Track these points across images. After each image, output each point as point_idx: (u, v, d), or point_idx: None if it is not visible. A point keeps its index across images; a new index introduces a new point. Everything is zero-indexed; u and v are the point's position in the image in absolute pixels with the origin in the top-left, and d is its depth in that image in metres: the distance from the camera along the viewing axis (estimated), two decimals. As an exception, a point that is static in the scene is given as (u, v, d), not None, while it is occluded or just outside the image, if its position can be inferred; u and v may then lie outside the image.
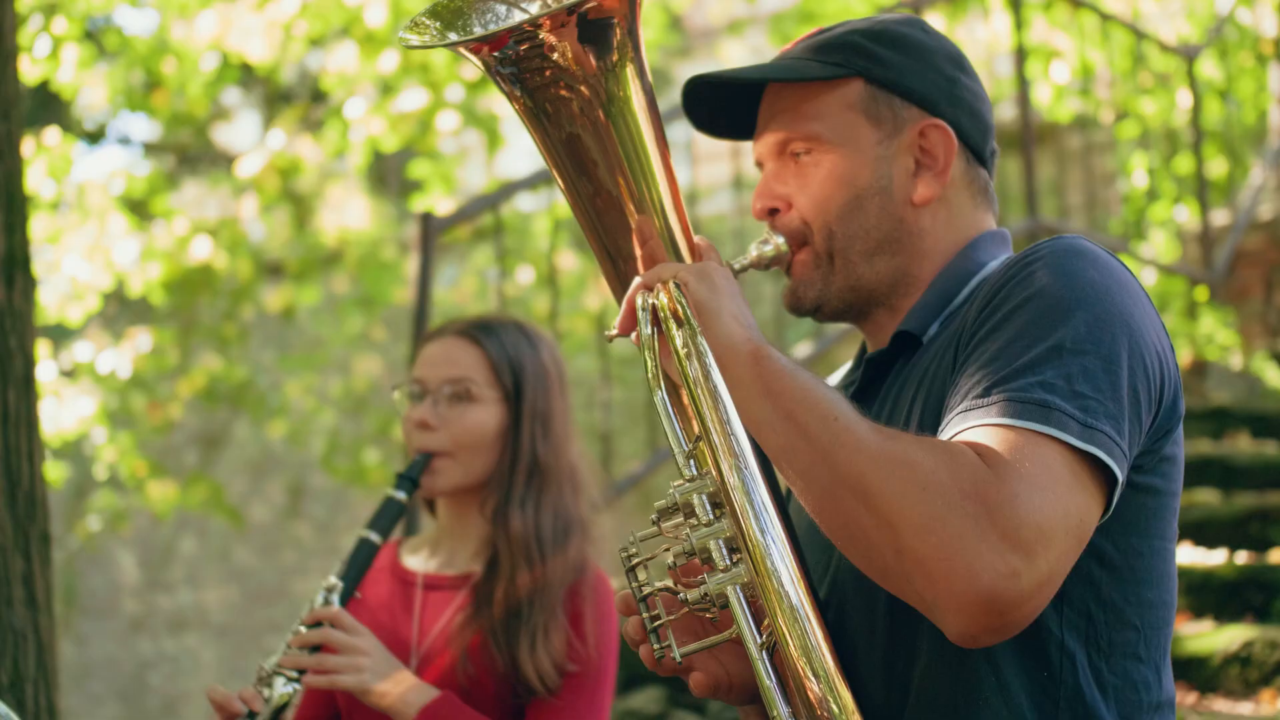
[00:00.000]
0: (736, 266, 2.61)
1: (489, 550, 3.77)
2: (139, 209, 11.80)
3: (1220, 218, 10.47)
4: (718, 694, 2.46)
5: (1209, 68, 11.09)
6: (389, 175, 16.41)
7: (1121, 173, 10.92)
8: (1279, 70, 10.95)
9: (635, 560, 2.31)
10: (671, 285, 2.37)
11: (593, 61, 2.35)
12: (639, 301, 2.41)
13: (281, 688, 3.44)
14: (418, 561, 3.91)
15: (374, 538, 3.66)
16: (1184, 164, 10.65)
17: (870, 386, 2.65)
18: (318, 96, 14.11)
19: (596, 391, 8.65)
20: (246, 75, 14.09)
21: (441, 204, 10.94)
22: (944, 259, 2.64)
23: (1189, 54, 10.21)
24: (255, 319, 13.92)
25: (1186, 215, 10.52)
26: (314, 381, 12.65)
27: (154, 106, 11.90)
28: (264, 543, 14.72)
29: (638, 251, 2.49)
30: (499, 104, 11.79)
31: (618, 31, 2.36)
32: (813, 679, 2.10)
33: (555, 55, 2.33)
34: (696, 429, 2.23)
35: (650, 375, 2.32)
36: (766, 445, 2.24)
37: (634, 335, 2.45)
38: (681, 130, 8.75)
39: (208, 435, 15.01)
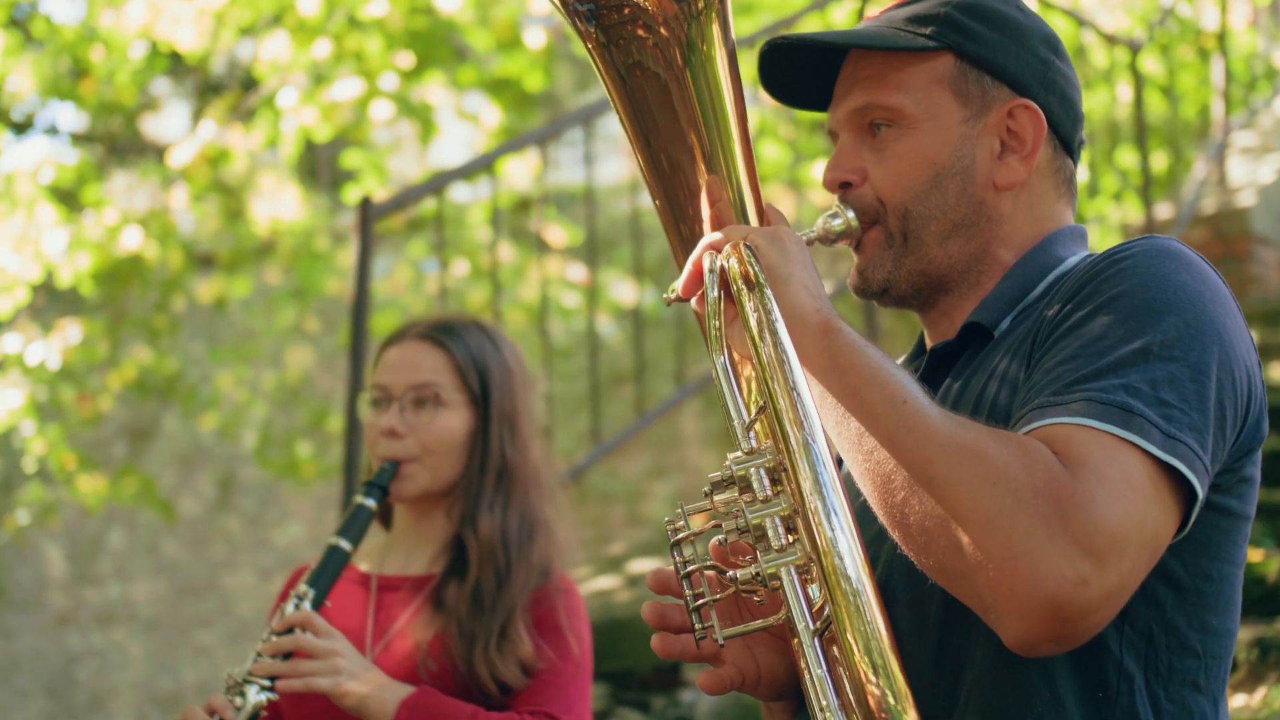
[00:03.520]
0: (801, 239, 2.47)
1: (450, 553, 3.73)
2: (68, 199, 11.66)
3: (1163, 212, 10.48)
4: (743, 687, 2.36)
5: (1150, 61, 11.12)
6: (320, 166, 16.29)
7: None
8: (1221, 64, 10.97)
9: (680, 535, 2.21)
10: (742, 247, 2.26)
11: (674, 4, 2.25)
12: (706, 263, 2.30)
13: (255, 696, 3.41)
14: (370, 564, 3.86)
15: (345, 545, 3.64)
16: (1124, 158, 10.66)
17: (933, 378, 2.51)
18: (248, 86, 13.98)
19: (535, 384, 8.59)
20: (176, 65, 13.95)
21: (375, 195, 10.85)
22: (1021, 248, 2.52)
23: (1134, 45, 10.20)
24: (186, 310, 13.79)
25: (1123, 210, 10.54)
26: (246, 373, 12.53)
27: (81, 95, 11.76)
28: (193, 536, 14.59)
29: (705, 211, 2.39)
30: (433, 93, 11.71)
31: None
32: (870, 671, 1.98)
33: None
34: (760, 400, 2.14)
35: (713, 340, 2.22)
36: (829, 423, 2.14)
37: (694, 299, 2.35)
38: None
39: (136, 428, 14.87)
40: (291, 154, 11.49)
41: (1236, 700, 5.60)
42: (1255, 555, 6.44)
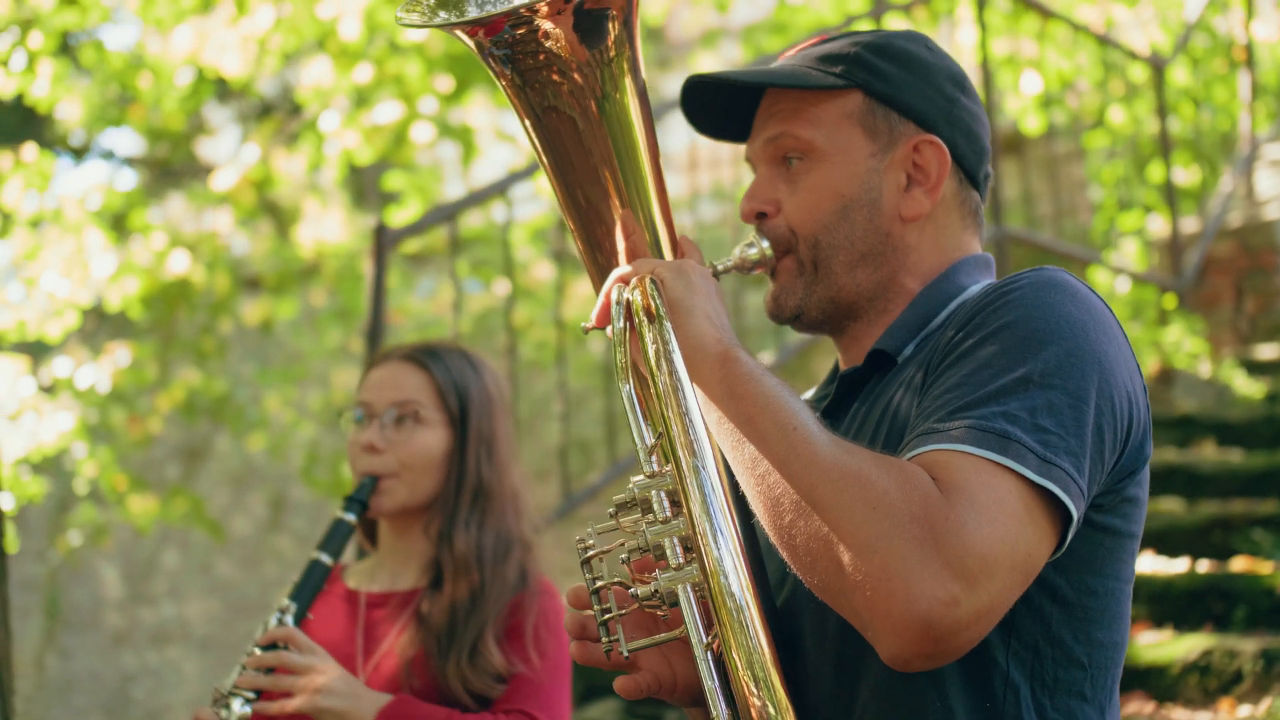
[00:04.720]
0: (719, 268, 2.61)
1: (433, 569, 3.83)
2: (118, 224, 11.83)
3: (1190, 225, 10.44)
4: (660, 693, 2.47)
5: (1180, 75, 11.10)
6: (367, 188, 16.44)
7: (1092, 181, 10.92)
8: (1248, 77, 10.93)
9: (590, 553, 2.33)
10: (647, 281, 2.38)
11: (586, 51, 2.35)
12: (614, 295, 2.42)
13: (240, 709, 3.51)
14: (360, 582, 3.97)
15: (325, 559, 3.75)
16: (1155, 172, 10.65)
17: (842, 403, 2.64)
18: (297, 110, 14.12)
19: (576, 400, 8.67)
20: (224, 90, 14.10)
21: (394, 220, 10.93)
22: (927, 278, 2.64)
23: (1158, 63, 10.20)
24: (234, 332, 13.94)
25: (1160, 224, 10.51)
26: (293, 394, 12.65)
27: (130, 121, 11.93)
28: (245, 555, 14.72)
29: (620, 244, 2.49)
30: (473, 115, 11.80)
31: (614, 25, 2.36)
32: (753, 684, 2.11)
33: (549, 42, 2.33)
34: (660, 426, 2.25)
35: (619, 369, 2.34)
36: (725, 447, 2.25)
37: (609, 328, 2.45)
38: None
39: (189, 449, 15.02)
40: (336, 177, 11.62)
41: (1242, 710, 5.63)
42: (1265, 568, 6.46)
